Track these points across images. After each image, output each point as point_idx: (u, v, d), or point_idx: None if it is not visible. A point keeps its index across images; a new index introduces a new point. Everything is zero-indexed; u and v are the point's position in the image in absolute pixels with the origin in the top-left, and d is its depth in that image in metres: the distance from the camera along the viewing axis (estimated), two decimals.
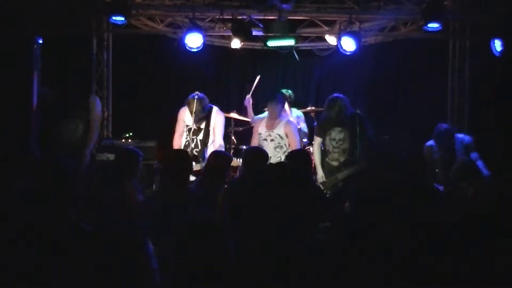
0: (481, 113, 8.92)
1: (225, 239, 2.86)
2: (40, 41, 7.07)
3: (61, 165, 3.32)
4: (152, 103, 9.62)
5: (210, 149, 7.06)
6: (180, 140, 7.29)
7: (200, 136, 7.21)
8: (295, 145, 7.40)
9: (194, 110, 7.05)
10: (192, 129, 7.18)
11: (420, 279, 3.21)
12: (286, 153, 7.25)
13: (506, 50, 7.81)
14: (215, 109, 7.29)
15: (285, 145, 7.41)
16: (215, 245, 2.79)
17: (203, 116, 7.16)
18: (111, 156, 7.47)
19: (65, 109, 7.09)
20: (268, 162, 6.42)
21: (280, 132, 7.44)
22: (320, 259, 3.28)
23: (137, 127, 8.81)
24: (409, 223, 3.53)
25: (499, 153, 7.29)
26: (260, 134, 7.53)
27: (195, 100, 7.05)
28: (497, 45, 8.02)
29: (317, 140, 7.35)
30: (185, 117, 7.25)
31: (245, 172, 5.79)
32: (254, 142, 7.61)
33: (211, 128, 7.20)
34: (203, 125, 7.22)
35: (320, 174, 7.17)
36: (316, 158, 7.26)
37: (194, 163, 6.98)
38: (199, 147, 7.21)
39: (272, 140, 7.43)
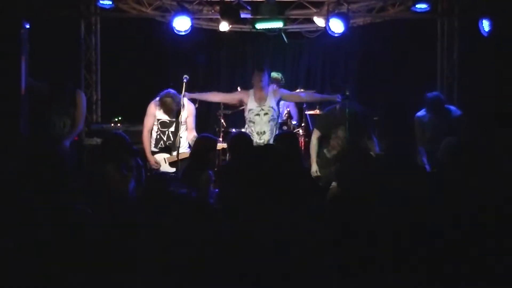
0: (470, 92, 8.93)
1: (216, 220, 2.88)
2: (27, 26, 7.03)
3: (53, 148, 3.33)
4: (141, 87, 9.57)
5: (183, 138, 7.09)
6: (149, 135, 7.25)
7: (172, 128, 7.18)
8: (297, 96, 8.03)
9: (172, 108, 7.06)
10: (164, 122, 7.20)
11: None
12: (277, 125, 7.43)
13: (494, 30, 7.81)
14: (185, 100, 7.17)
15: (277, 116, 7.41)
16: (207, 224, 2.81)
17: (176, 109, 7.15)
18: (100, 141, 7.42)
19: (55, 105, 6.96)
20: (255, 144, 6.56)
21: (272, 104, 7.34)
22: (310, 239, 3.29)
23: (127, 111, 8.78)
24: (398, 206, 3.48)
25: (489, 131, 7.30)
26: (251, 110, 7.36)
27: (172, 99, 7.05)
28: (485, 25, 8.01)
29: (318, 134, 7.13)
30: (156, 111, 7.21)
31: (231, 157, 5.95)
32: (216, 98, 8.00)
33: (182, 119, 7.10)
34: (174, 117, 7.18)
35: (315, 169, 6.94)
36: (313, 153, 7.07)
37: (168, 154, 7.08)
38: (172, 139, 7.17)
39: (266, 114, 7.29)
